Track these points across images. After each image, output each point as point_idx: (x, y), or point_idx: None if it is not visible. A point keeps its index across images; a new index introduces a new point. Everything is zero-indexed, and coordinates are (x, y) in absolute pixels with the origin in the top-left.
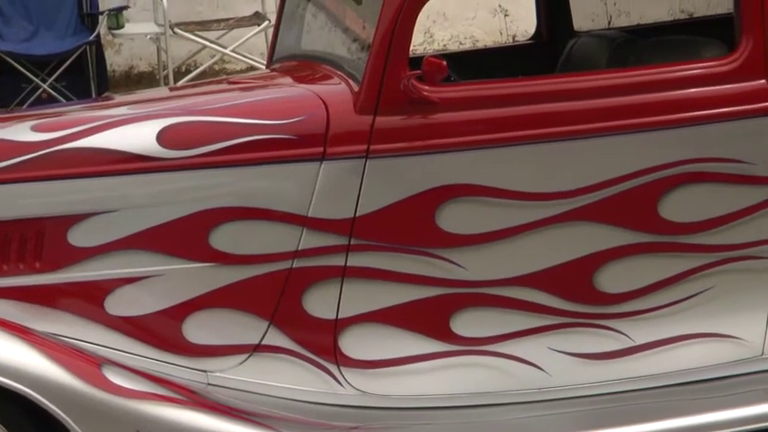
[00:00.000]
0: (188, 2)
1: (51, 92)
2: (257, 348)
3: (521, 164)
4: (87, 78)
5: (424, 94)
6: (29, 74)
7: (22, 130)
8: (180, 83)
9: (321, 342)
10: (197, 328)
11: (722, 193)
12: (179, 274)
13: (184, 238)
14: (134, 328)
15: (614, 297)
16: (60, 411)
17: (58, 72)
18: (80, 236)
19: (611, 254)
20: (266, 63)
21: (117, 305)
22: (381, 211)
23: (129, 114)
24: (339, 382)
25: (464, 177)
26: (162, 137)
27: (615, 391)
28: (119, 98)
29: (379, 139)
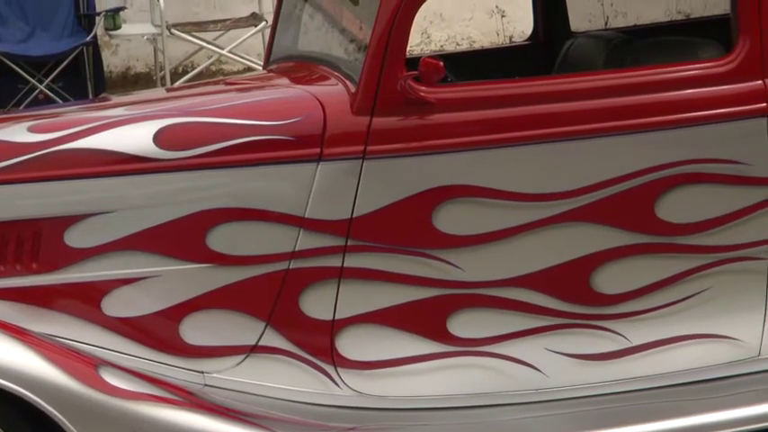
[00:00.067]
0: (185, 3)
1: (48, 93)
2: (254, 349)
3: (518, 165)
4: (84, 79)
5: (421, 94)
6: (26, 75)
7: (18, 131)
8: (177, 84)
9: (318, 343)
10: (194, 329)
11: (719, 194)
12: (176, 274)
13: (181, 238)
14: (131, 328)
15: (611, 298)
16: (57, 412)
17: (55, 73)
18: (77, 237)
19: (608, 255)
20: (263, 64)
21: (114, 306)
22: (378, 212)
23: (126, 115)
24: (336, 383)
25: (461, 178)
26: (159, 138)
27: (612, 392)
28: (116, 99)
29: (375, 140)
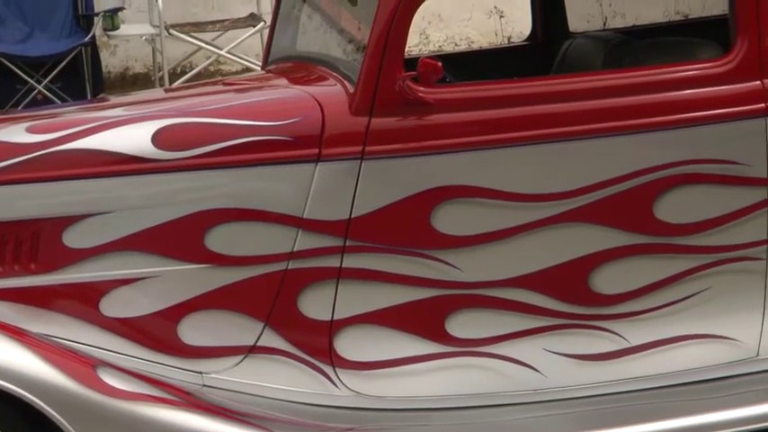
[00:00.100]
0: (183, 3)
1: (47, 93)
2: (252, 350)
3: (516, 165)
4: (82, 80)
5: (420, 95)
6: (24, 75)
7: (17, 132)
8: (175, 84)
9: (316, 343)
10: (192, 330)
11: (717, 195)
12: (174, 275)
13: (180, 239)
14: (129, 329)
15: (610, 298)
16: (55, 413)
17: (54, 73)
18: (75, 237)
19: (606, 255)
20: (261, 64)
21: (112, 306)
22: (377, 213)
23: (125, 116)
24: (334, 384)
25: (459, 179)
26: (157, 138)
27: (611, 393)
28: (114, 99)
29: (374, 141)
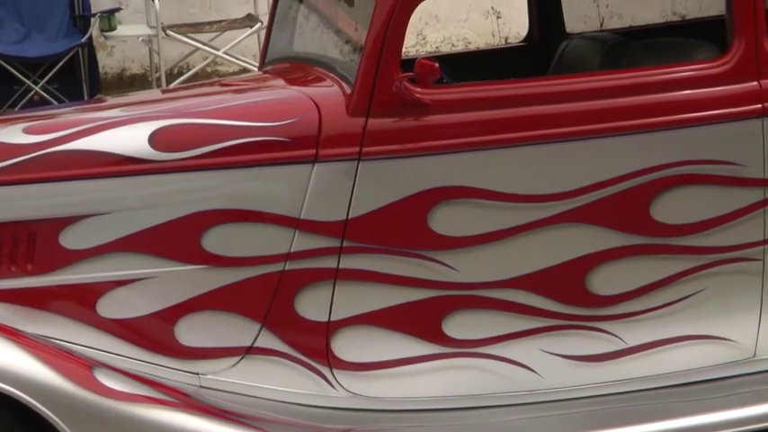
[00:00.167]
0: (180, 4)
1: (43, 94)
2: (249, 351)
3: (513, 166)
4: (79, 80)
5: (417, 96)
6: (21, 76)
7: (14, 133)
8: (172, 85)
9: (313, 344)
10: (189, 331)
11: (714, 195)
12: (171, 276)
13: (177, 240)
14: (126, 330)
15: (606, 299)
16: (51, 414)
17: (50, 74)
18: (72, 238)
19: (603, 256)
20: (258, 65)
21: (109, 307)
22: (374, 214)
23: (122, 117)
24: (331, 385)
25: (456, 179)
26: (154, 139)
27: (607, 393)
28: (111, 100)
29: (371, 142)
